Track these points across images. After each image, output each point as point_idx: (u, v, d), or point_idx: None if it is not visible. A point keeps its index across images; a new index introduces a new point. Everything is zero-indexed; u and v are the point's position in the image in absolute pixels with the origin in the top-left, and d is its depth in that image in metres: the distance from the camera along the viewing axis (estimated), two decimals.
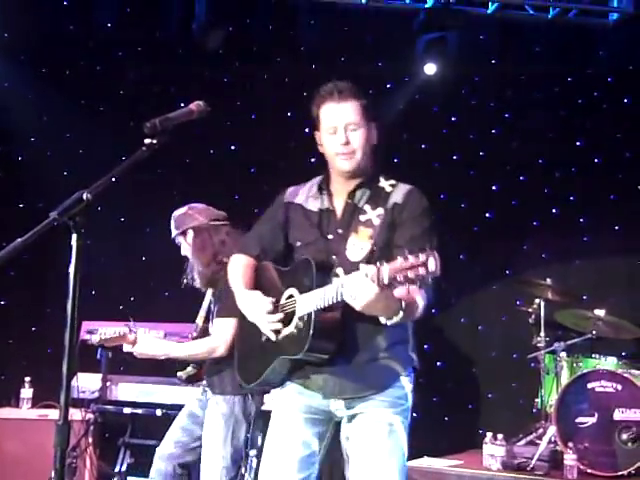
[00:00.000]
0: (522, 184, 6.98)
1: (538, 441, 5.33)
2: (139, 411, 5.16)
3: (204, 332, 4.17)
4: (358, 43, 6.99)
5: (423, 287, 2.52)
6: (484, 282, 6.81)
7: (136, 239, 6.93)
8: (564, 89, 7.05)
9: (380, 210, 2.83)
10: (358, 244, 2.77)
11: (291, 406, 2.92)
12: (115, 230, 6.90)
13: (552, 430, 5.21)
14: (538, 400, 5.78)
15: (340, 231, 2.89)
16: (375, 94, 6.98)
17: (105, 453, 5.55)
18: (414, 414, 6.63)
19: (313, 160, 6.80)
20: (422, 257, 2.30)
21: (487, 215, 6.97)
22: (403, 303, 2.55)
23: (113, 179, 2.36)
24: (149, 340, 4.13)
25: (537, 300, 5.90)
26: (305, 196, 3.06)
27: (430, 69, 6.83)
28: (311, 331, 2.69)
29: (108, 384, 5.26)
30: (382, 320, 2.60)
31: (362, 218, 2.83)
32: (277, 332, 2.82)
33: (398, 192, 2.92)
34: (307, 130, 6.87)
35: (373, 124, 2.98)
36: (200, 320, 4.27)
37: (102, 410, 5.28)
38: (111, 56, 6.83)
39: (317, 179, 3.09)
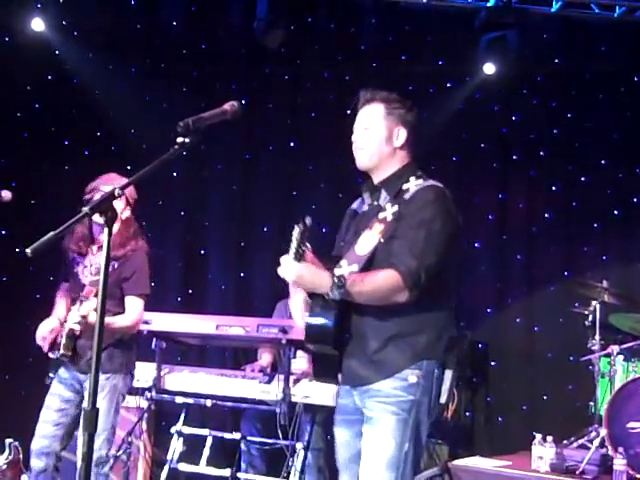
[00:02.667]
0: (584, 185, 6.87)
1: (589, 445, 5.25)
2: (191, 401, 5.26)
3: None
4: (419, 42, 7.00)
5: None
6: (541, 283, 6.73)
7: (195, 233, 7.08)
8: (630, 89, 6.91)
9: (396, 207, 2.92)
10: (368, 238, 2.89)
11: (338, 410, 3.11)
12: (175, 223, 7.07)
13: (603, 433, 5.13)
14: (592, 403, 5.70)
15: (362, 232, 3.01)
16: (435, 93, 7.02)
17: (159, 441, 5.69)
18: (467, 413, 6.66)
19: None
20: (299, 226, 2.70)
21: (546, 216, 6.89)
22: (336, 278, 2.73)
23: (145, 176, 2.45)
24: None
25: (593, 302, 5.81)
26: (360, 201, 3.21)
27: (490, 69, 6.78)
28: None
29: (162, 374, 5.37)
30: (326, 295, 2.78)
31: (380, 215, 2.93)
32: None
33: (414, 188, 2.97)
34: None
35: (399, 128, 3.06)
36: None
37: (156, 399, 5.40)
38: (176, 54, 6.97)
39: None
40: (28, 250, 2.24)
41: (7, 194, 4.11)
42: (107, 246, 2.30)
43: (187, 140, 2.50)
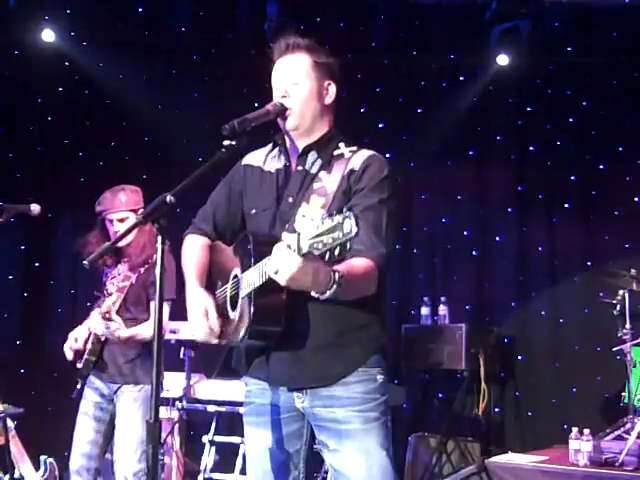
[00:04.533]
0: (602, 173, 6.81)
1: (626, 436, 5.19)
2: (222, 409, 5.23)
3: None
4: (429, 36, 6.94)
5: (356, 255, 2.39)
6: (565, 274, 6.68)
7: None
8: None
9: (336, 176, 2.54)
10: (309, 214, 2.27)
11: (257, 410, 2.70)
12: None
13: None
14: (625, 394, 5.64)
15: (290, 199, 2.64)
16: (448, 87, 6.98)
17: (191, 450, 5.66)
18: (496, 409, 6.62)
19: (388, 156, 6.87)
20: (338, 218, 2.06)
21: (566, 206, 6.83)
22: (337, 275, 2.28)
23: (194, 182, 2.41)
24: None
25: (621, 291, 5.75)
26: (264, 157, 2.81)
27: (503, 60, 6.74)
28: (252, 311, 2.45)
29: (192, 383, 5.35)
30: (313, 294, 2.31)
31: (315, 186, 2.55)
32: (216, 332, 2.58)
33: (357, 158, 2.63)
34: (381, 125, 6.98)
35: (329, 82, 2.71)
36: None
37: (187, 408, 5.37)
38: (186, 60, 6.92)
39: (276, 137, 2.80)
40: (85, 262, 2.23)
41: (36, 208, 4.08)
42: (161, 254, 2.25)
43: (233, 143, 2.47)
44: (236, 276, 2.62)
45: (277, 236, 2.40)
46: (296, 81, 2.66)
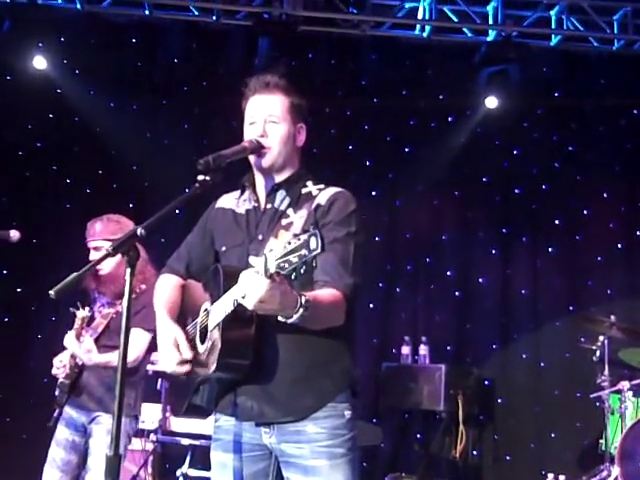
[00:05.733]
0: (586, 218, 6.87)
1: None
2: (197, 443, 5.19)
3: None
4: (419, 77, 7.03)
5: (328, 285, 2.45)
6: (547, 318, 6.69)
7: None
8: (630, 122, 6.95)
9: (303, 212, 2.51)
10: (276, 247, 2.28)
11: (224, 447, 2.68)
12: None
13: (616, 472, 5.06)
14: (602, 441, 5.62)
15: (260, 237, 2.66)
16: (437, 127, 7.03)
17: None
18: (474, 452, 6.59)
19: (374, 193, 6.91)
20: (304, 237, 2.12)
21: (550, 250, 6.88)
22: (303, 299, 2.29)
23: (166, 215, 2.42)
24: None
25: (601, 337, 5.76)
26: (236, 200, 2.84)
27: (492, 102, 6.80)
28: (220, 343, 2.46)
29: (168, 415, 5.30)
30: (280, 319, 2.32)
31: (284, 222, 2.51)
32: (186, 366, 2.59)
33: (324, 194, 2.67)
34: (368, 163, 7.02)
35: (301, 125, 2.77)
36: None
37: (162, 440, 5.32)
38: (177, 91, 6.96)
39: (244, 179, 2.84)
40: (52, 292, 2.21)
41: (15, 234, 4.06)
42: (129, 285, 2.28)
43: (208, 178, 2.49)
44: (206, 309, 2.63)
45: (243, 269, 2.36)
46: (275, 120, 2.70)
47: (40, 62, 6.54)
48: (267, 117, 2.70)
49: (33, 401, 6.02)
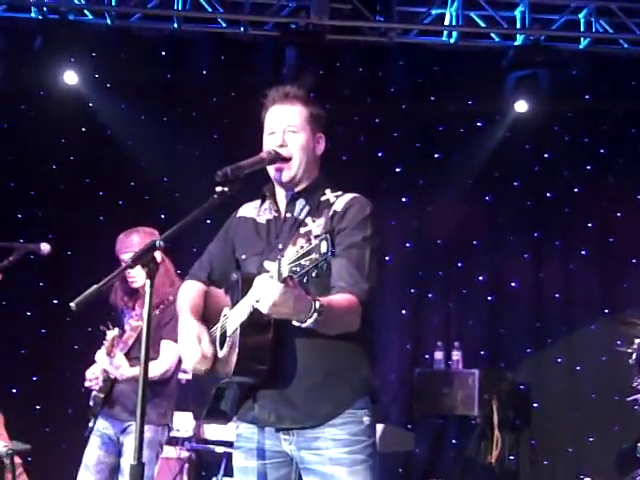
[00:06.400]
0: (619, 220, 6.81)
1: None
2: (231, 450, 5.20)
3: None
4: (448, 82, 7.01)
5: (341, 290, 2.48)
6: (581, 321, 6.64)
7: None
8: None
9: (322, 221, 2.50)
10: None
11: (246, 454, 2.70)
12: None
13: None
14: None
15: (280, 246, 2.67)
16: (466, 132, 7.02)
17: None
18: (510, 457, 6.54)
19: (405, 200, 6.91)
20: (314, 241, 2.17)
21: (583, 253, 6.82)
22: (317, 303, 2.33)
23: (185, 226, 2.46)
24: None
25: (637, 340, 5.68)
26: (257, 209, 2.88)
27: (521, 106, 6.77)
28: (238, 347, 2.49)
29: (201, 423, 5.32)
30: (295, 323, 2.36)
31: (302, 230, 2.51)
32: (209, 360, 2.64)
33: (340, 201, 2.72)
34: (398, 169, 7.02)
35: (320, 135, 2.82)
36: None
37: (196, 448, 5.36)
38: (206, 102, 7.02)
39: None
40: (72, 304, 2.26)
41: (46, 247, 4.14)
42: (149, 297, 2.30)
43: (226, 189, 2.52)
44: (225, 314, 2.68)
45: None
46: (294, 130, 2.75)
47: (71, 77, 6.62)
48: (286, 127, 2.75)
49: (71, 411, 6.09)
